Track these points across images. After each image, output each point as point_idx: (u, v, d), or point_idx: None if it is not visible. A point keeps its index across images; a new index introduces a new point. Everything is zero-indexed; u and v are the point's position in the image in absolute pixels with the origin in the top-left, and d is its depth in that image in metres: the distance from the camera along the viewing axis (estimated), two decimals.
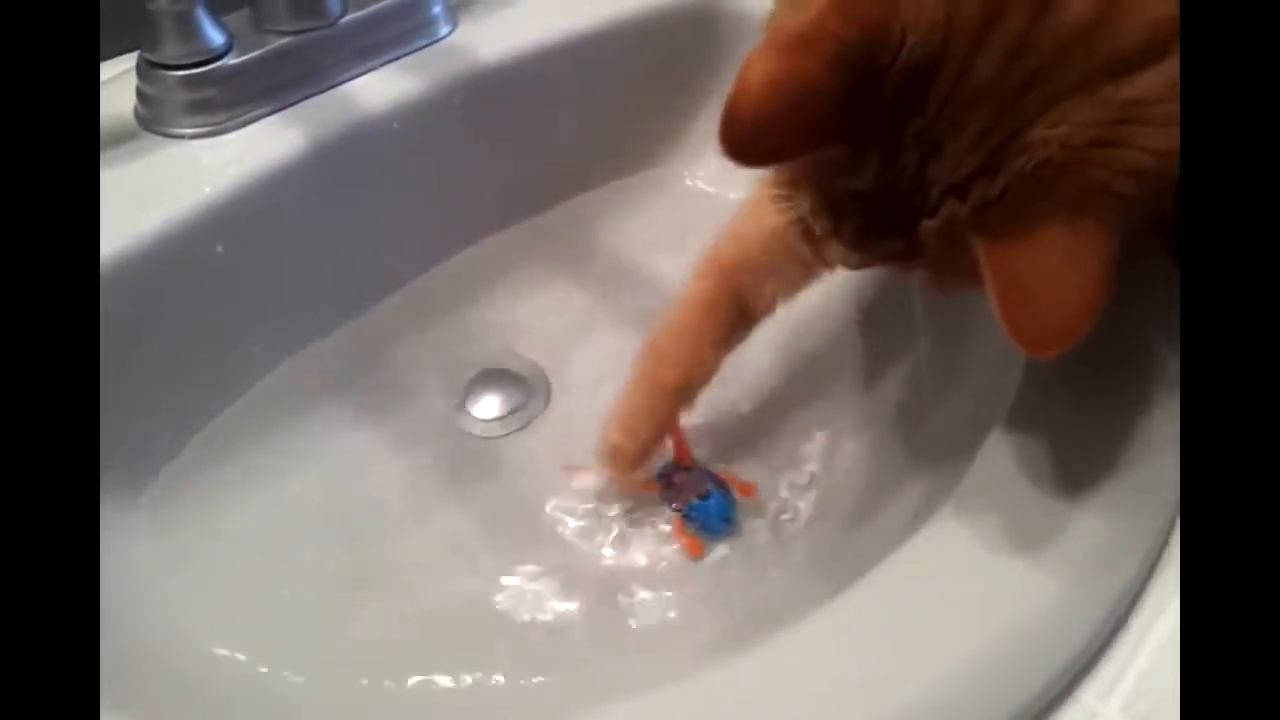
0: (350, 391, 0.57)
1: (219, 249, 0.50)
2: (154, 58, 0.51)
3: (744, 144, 0.33)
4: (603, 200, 0.65)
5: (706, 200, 0.65)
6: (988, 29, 0.32)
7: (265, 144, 0.52)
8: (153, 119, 0.52)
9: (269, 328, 0.54)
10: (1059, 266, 0.32)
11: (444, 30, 0.58)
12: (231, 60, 0.52)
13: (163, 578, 0.48)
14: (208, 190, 0.50)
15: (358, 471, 0.54)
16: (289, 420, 0.54)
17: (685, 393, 0.50)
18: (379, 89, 0.55)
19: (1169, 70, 0.31)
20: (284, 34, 0.53)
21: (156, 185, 0.50)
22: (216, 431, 0.53)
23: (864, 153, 0.34)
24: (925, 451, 0.49)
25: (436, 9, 0.58)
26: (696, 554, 0.49)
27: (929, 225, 0.34)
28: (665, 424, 0.51)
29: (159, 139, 0.52)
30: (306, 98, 0.54)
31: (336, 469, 0.54)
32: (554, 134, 0.62)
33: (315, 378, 0.56)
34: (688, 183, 0.66)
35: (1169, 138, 0.31)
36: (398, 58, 0.57)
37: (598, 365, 0.58)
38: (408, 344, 0.59)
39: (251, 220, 0.51)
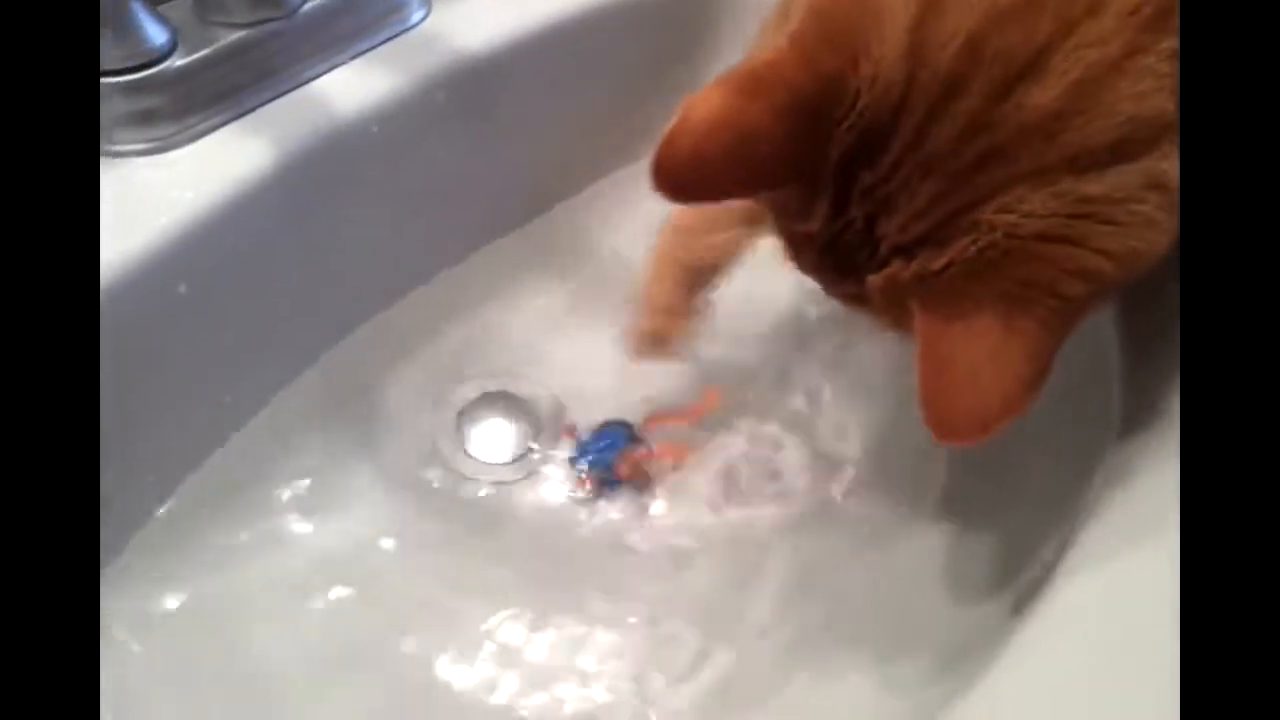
0: (337, 432, 0.50)
1: (181, 289, 0.42)
2: None
3: (676, 181, 0.32)
4: (597, 198, 0.58)
5: None
6: (947, 100, 0.31)
7: (224, 160, 0.44)
8: None
9: (242, 371, 0.47)
10: (985, 359, 0.31)
11: (416, 16, 0.51)
12: (177, 61, 0.44)
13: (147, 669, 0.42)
14: (164, 221, 0.42)
15: (351, 523, 0.48)
16: (274, 470, 0.48)
17: (706, 271, 0.48)
18: (350, 87, 0.48)
19: (1143, 170, 0.30)
20: (235, 27, 0.45)
21: (101, 215, 0.41)
22: (191, 493, 0.46)
23: (813, 200, 0.33)
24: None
25: None
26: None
27: (874, 280, 0.33)
28: (690, 300, 0.48)
29: None
30: (266, 102, 0.46)
31: (329, 524, 0.47)
32: (545, 130, 0.55)
33: (296, 423, 0.49)
34: None
35: (1129, 239, 0.30)
36: (367, 50, 0.49)
37: (612, 380, 0.53)
38: (394, 375, 0.52)
39: (219, 251, 0.43)
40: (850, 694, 0.41)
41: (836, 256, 0.34)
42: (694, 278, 0.48)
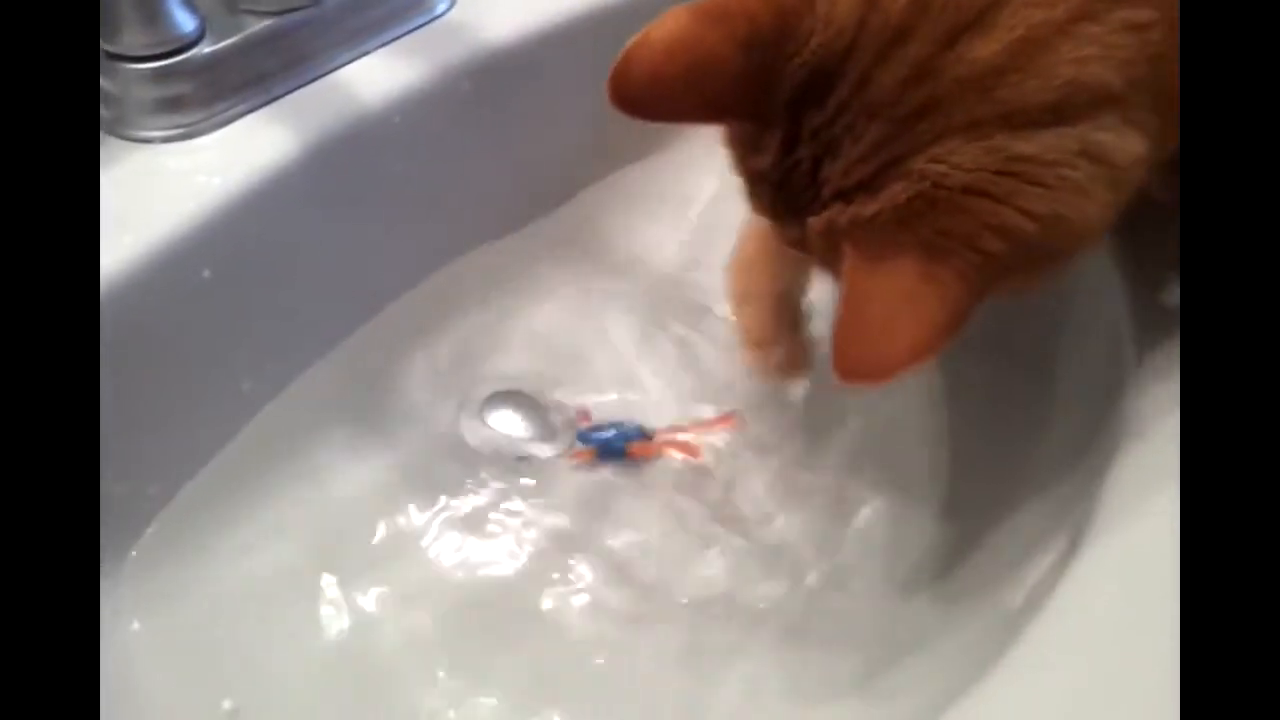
0: (353, 419, 0.50)
1: (206, 274, 0.43)
2: (113, 48, 0.43)
3: (631, 96, 0.33)
4: (619, 188, 0.58)
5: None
6: (894, 46, 0.31)
7: (250, 147, 0.45)
8: (114, 120, 0.44)
9: (262, 357, 0.47)
10: (898, 303, 0.32)
11: (442, 6, 0.51)
12: (205, 48, 0.44)
13: (155, 654, 0.42)
14: (190, 206, 0.42)
15: (369, 507, 0.48)
16: (289, 457, 0.48)
17: (790, 298, 0.48)
18: (375, 77, 0.48)
19: (1078, 136, 0.31)
20: (264, 15, 0.46)
21: (128, 201, 0.42)
22: (209, 478, 0.46)
23: (765, 135, 0.34)
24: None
25: None
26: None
27: (813, 222, 0.34)
28: (791, 323, 0.48)
29: (123, 144, 0.44)
30: (293, 90, 0.47)
31: (344, 507, 0.48)
32: (569, 120, 0.55)
33: (313, 409, 0.49)
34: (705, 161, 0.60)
35: (1054, 203, 0.31)
36: (393, 39, 0.49)
37: (625, 380, 0.53)
38: (411, 363, 0.53)
39: (242, 237, 0.44)
40: (851, 696, 0.42)
41: (786, 196, 0.35)
42: (778, 304, 0.48)
